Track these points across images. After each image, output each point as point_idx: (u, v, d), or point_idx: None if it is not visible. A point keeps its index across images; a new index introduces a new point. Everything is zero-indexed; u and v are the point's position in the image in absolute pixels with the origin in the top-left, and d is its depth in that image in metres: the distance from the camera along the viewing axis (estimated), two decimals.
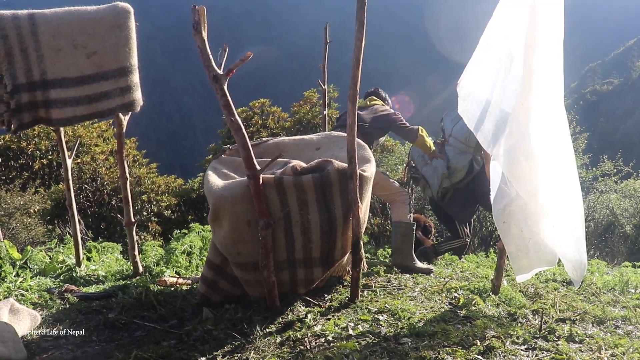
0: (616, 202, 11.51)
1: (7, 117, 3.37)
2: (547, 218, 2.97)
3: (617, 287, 3.97)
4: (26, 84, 3.36)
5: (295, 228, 3.11)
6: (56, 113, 3.46)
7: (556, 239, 2.98)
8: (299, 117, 12.96)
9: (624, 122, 58.82)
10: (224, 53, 2.88)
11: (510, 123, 2.95)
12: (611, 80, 75.25)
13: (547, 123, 2.91)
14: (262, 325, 2.83)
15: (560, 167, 2.94)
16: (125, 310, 3.21)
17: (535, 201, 2.95)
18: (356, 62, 3.04)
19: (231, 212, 3.07)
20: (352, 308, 3.15)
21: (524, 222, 3.03)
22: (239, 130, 2.92)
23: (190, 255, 4.96)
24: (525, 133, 2.89)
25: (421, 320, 2.95)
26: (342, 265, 3.48)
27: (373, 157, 3.57)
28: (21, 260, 4.26)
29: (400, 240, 4.50)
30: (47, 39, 3.36)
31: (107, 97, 3.53)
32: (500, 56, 3.11)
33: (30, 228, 8.68)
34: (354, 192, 3.09)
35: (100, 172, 10.98)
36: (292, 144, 3.83)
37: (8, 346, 2.45)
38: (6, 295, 3.45)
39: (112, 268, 4.50)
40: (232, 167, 3.54)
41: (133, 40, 3.57)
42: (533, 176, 2.91)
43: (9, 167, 11.03)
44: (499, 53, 3.12)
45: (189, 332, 2.80)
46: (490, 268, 4.58)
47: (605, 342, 2.70)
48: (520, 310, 3.18)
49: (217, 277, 3.31)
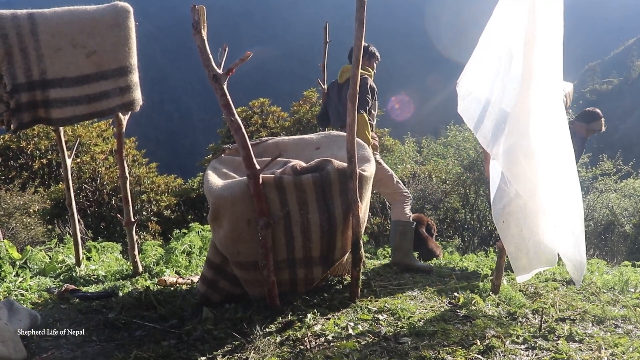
0: (616, 201, 11.51)
1: (6, 116, 3.36)
2: (547, 217, 2.97)
3: (617, 286, 3.97)
4: (26, 83, 3.35)
5: (295, 227, 3.10)
6: (56, 113, 3.45)
7: (556, 238, 2.97)
8: (298, 116, 12.96)
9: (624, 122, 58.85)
10: (224, 52, 2.88)
11: (510, 122, 2.95)
12: (611, 80, 75.29)
13: (546, 122, 2.91)
14: (262, 324, 2.83)
15: (560, 165, 2.94)
16: (125, 310, 3.20)
17: (535, 200, 2.95)
18: (356, 61, 3.04)
19: (231, 212, 3.07)
20: (352, 307, 3.15)
21: (524, 222, 3.03)
22: (239, 129, 2.92)
23: (190, 255, 4.96)
24: (525, 132, 2.89)
25: (421, 319, 2.95)
26: (342, 265, 3.48)
27: (373, 157, 3.57)
28: (21, 260, 4.26)
29: (400, 239, 4.50)
30: (46, 38, 3.36)
31: (107, 97, 3.52)
32: (500, 55, 3.11)
33: (30, 228, 8.67)
34: (354, 191, 3.09)
35: (99, 171, 10.97)
36: (291, 144, 3.83)
37: (8, 346, 2.45)
38: (6, 295, 3.45)
39: (111, 268, 4.50)
40: (231, 167, 3.54)
41: (133, 40, 3.57)
42: (533, 175, 2.91)
43: (9, 167, 11.02)
44: (499, 51, 3.11)
45: (189, 331, 2.80)
46: (490, 268, 4.58)
47: (605, 341, 2.70)
48: (520, 309, 3.18)
49: (217, 276, 3.31)
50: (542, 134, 2.90)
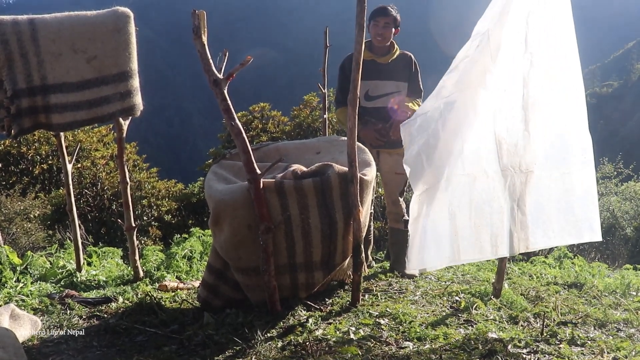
0: (617, 204, 11.49)
1: (7, 122, 3.37)
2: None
3: (619, 289, 3.96)
4: (26, 89, 3.36)
5: (296, 232, 3.10)
6: (56, 118, 3.46)
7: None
8: (299, 121, 12.99)
9: (624, 125, 58.80)
10: (224, 57, 2.89)
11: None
12: (611, 83, 75.27)
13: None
14: (264, 329, 2.82)
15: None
16: (126, 315, 3.20)
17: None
18: (356, 65, 3.04)
19: (232, 217, 3.07)
20: (353, 312, 3.14)
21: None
22: (239, 134, 2.92)
23: (191, 260, 4.95)
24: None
25: (422, 324, 2.95)
26: (343, 269, 3.47)
27: (374, 161, 3.56)
28: (21, 266, 4.25)
29: (394, 247, 4.48)
30: (47, 43, 3.36)
31: (107, 102, 3.53)
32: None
33: (31, 233, 8.67)
34: (355, 195, 3.08)
35: (100, 176, 10.98)
36: (292, 148, 3.84)
37: (9, 352, 2.45)
38: (7, 301, 3.44)
39: (112, 273, 4.49)
40: (232, 171, 3.54)
41: (133, 45, 3.58)
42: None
43: (9, 172, 11.04)
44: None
45: (190, 337, 2.79)
46: (491, 271, 4.57)
47: (607, 345, 2.69)
48: (521, 313, 3.17)
49: (218, 281, 3.30)
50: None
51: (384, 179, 4.47)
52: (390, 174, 4.36)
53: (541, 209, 3.09)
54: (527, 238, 3.07)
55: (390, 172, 4.35)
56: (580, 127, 3.08)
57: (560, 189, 3.09)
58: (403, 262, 4.44)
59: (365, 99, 4.21)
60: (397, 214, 4.41)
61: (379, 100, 4.23)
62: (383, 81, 4.20)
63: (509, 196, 3.02)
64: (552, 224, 3.11)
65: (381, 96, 4.22)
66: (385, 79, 4.22)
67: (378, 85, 4.22)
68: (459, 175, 2.97)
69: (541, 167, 3.05)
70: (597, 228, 3.13)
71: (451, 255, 3.02)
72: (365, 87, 4.14)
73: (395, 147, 4.07)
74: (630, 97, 64.87)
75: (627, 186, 12.62)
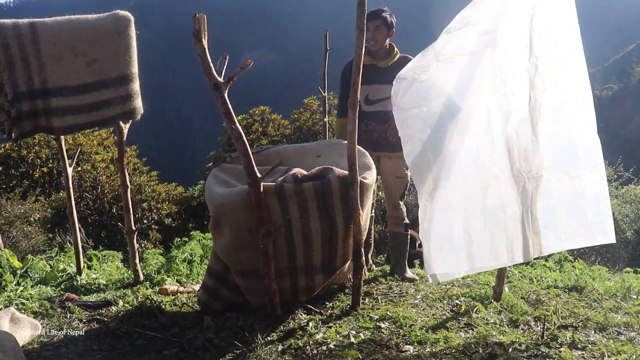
0: (617, 207, 11.49)
1: (7, 125, 3.37)
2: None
3: (619, 293, 3.96)
4: (27, 92, 3.36)
5: (296, 235, 3.10)
6: (57, 121, 3.46)
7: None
8: (299, 124, 13.01)
9: (624, 128, 58.79)
10: (225, 61, 2.89)
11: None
12: (611, 86, 75.27)
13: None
14: (264, 333, 2.82)
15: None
16: (126, 318, 3.20)
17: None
18: (356, 69, 3.05)
19: (232, 220, 3.07)
20: (353, 316, 3.14)
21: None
22: (240, 137, 2.92)
23: (191, 263, 4.94)
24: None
25: (423, 327, 2.94)
26: (344, 273, 3.47)
27: (374, 165, 3.56)
28: (22, 269, 4.25)
29: (395, 250, 4.48)
30: (48, 47, 3.37)
31: (108, 105, 3.53)
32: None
33: (31, 236, 8.67)
34: (355, 199, 3.08)
35: (100, 180, 10.99)
36: (293, 152, 3.84)
37: (9, 355, 2.44)
38: (7, 304, 3.44)
39: (112, 276, 4.48)
40: (233, 175, 3.54)
41: (133, 48, 3.58)
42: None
43: (10, 176, 11.05)
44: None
45: (190, 340, 2.79)
46: (491, 275, 4.57)
47: (607, 348, 2.69)
48: (522, 317, 3.17)
49: (218, 285, 3.30)
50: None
51: (384, 183, 4.47)
52: (391, 178, 4.36)
53: (552, 212, 3.05)
54: (539, 242, 3.02)
55: (390, 175, 4.36)
56: (589, 131, 3.06)
57: (571, 192, 3.06)
58: (403, 266, 4.44)
59: (365, 103, 4.22)
60: (398, 217, 4.41)
61: (379, 104, 4.23)
62: (383, 85, 4.20)
63: (521, 202, 2.99)
64: (563, 227, 3.07)
65: (381, 100, 4.22)
66: (385, 83, 4.22)
67: (378, 89, 4.22)
68: (472, 182, 2.93)
69: (549, 171, 3.02)
70: (610, 230, 3.10)
71: (466, 265, 2.96)
72: (365, 91, 4.14)
73: (396, 150, 4.07)
74: (630, 100, 64.85)
75: (627, 189, 12.62)
